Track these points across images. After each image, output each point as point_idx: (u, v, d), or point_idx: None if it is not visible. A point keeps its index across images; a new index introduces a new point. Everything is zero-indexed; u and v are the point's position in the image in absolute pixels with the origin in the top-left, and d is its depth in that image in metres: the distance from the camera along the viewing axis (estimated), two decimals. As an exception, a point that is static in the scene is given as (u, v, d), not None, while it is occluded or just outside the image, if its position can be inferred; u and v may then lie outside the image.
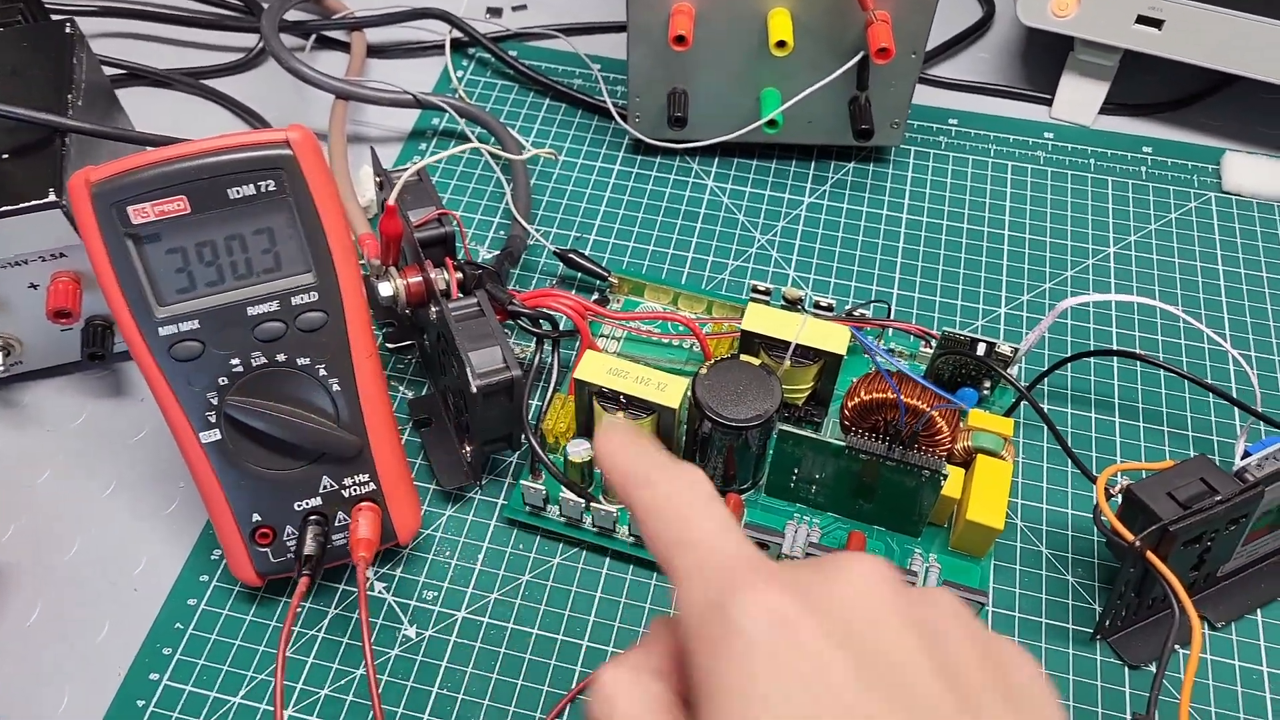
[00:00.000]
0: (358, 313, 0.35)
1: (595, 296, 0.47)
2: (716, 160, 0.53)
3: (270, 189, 0.32)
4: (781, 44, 0.45)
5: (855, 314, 0.44)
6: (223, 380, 0.34)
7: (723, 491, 0.40)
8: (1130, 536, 0.33)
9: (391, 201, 0.38)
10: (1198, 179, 0.52)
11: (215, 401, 0.34)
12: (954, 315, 0.47)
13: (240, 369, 0.34)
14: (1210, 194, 0.51)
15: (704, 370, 0.38)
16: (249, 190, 0.32)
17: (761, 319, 0.40)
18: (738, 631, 0.20)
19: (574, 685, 0.36)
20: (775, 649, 0.19)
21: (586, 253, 0.49)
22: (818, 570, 0.21)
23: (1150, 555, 0.34)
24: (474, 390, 0.36)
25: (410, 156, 0.53)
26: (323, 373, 0.35)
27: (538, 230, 0.50)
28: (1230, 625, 0.38)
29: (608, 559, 0.40)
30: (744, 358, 0.38)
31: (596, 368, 0.38)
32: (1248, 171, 0.50)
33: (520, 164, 0.49)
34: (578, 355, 0.42)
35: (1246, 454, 0.35)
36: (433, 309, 0.39)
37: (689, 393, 0.38)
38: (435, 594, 0.39)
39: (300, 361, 0.35)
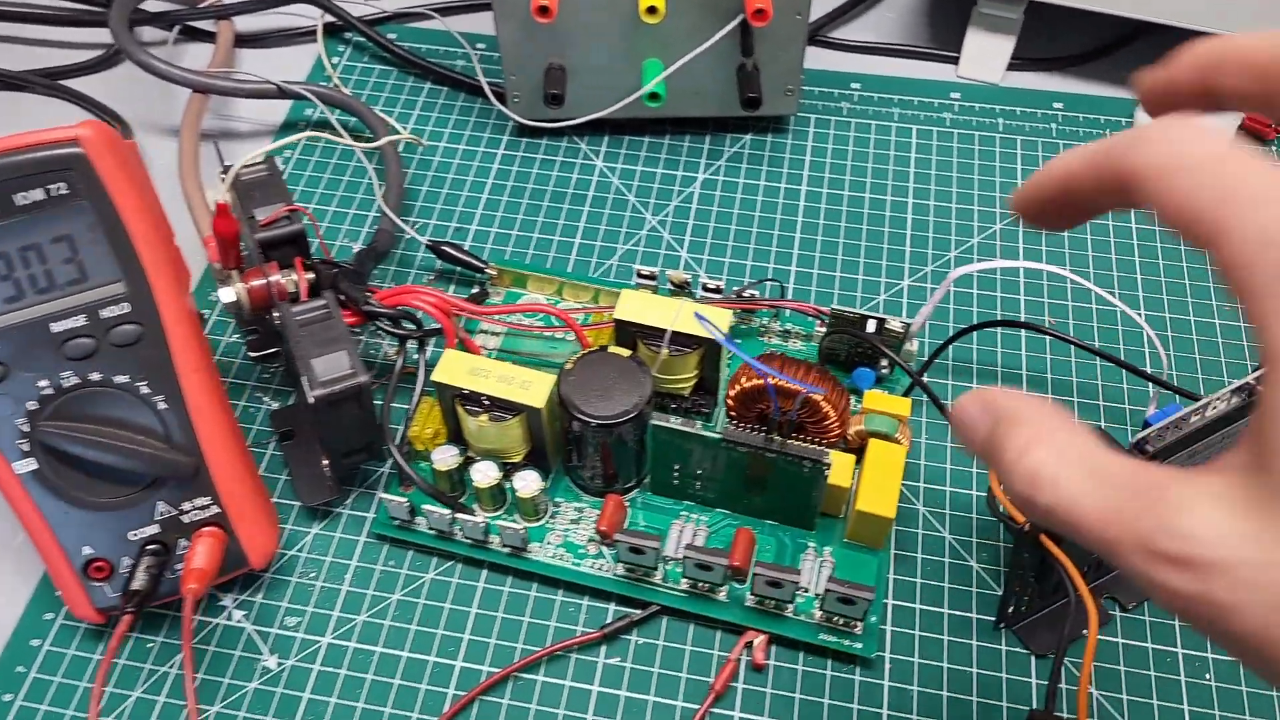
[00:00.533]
0: (180, 322, 0.32)
1: (475, 290, 0.44)
2: (606, 140, 0.50)
3: (62, 192, 0.30)
4: (652, 10, 0.42)
5: (745, 295, 0.41)
6: (32, 404, 0.31)
7: (604, 492, 0.37)
8: (1021, 519, 0.31)
9: (222, 199, 0.36)
10: (1111, 133, 0.49)
11: (27, 428, 0.31)
12: (855, 291, 0.44)
13: (50, 391, 0.31)
14: (1122, 149, 0.49)
15: (570, 365, 0.35)
16: (38, 195, 0.29)
17: (635, 306, 0.37)
18: None
19: (446, 709, 0.34)
20: None
21: (468, 244, 0.46)
22: None
23: (1044, 539, 0.31)
24: (311, 399, 0.33)
25: (281, 151, 0.50)
26: (145, 390, 0.32)
27: (416, 223, 0.47)
28: (1142, 606, 0.36)
29: (484, 571, 0.37)
30: (612, 349, 0.36)
31: (456, 368, 0.36)
32: (1160, 123, 0.48)
33: (391, 153, 0.46)
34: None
35: (1147, 424, 0.33)
36: (276, 314, 0.36)
37: (556, 390, 0.35)
38: (298, 620, 0.36)
39: (118, 379, 0.32)
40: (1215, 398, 0.33)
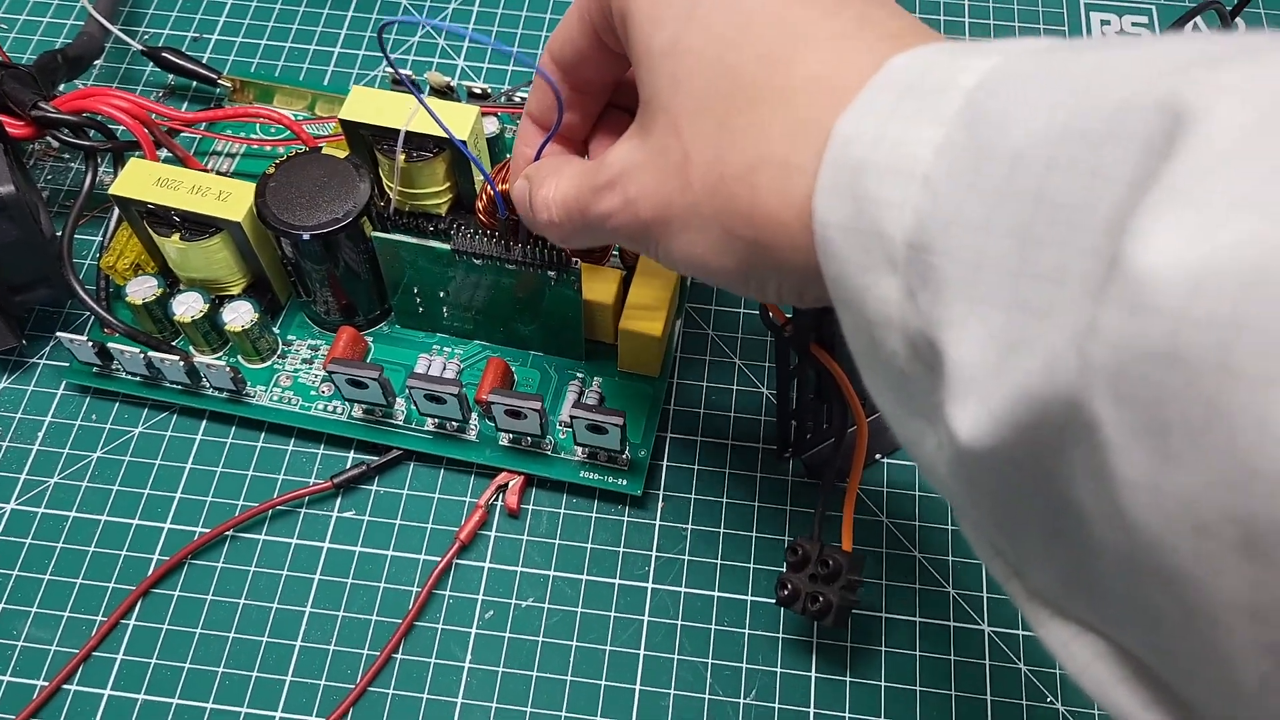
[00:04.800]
0: None
1: (212, 105, 0.38)
2: (379, -65, 0.43)
3: None
4: None
5: (516, 99, 0.36)
6: None
7: (339, 324, 0.32)
8: (784, 319, 0.27)
9: None
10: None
11: None
12: (654, 98, 0.39)
13: None
14: None
15: (272, 169, 0.30)
16: None
17: (365, 106, 0.31)
18: None
19: (149, 574, 0.29)
20: None
21: (208, 55, 0.39)
22: None
23: (816, 347, 0.27)
24: (-68, 213, 0.27)
25: (-11, -46, 0.42)
26: None
27: (146, 33, 0.40)
28: (945, 427, 0.32)
29: (204, 421, 0.32)
30: (327, 150, 0.30)
31: (140, 180, 0.30)
32: None
33: (107, -54, 0.39)
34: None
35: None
36: (-96, 117, 0.29)
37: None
38: (-22, 485, 0.31)
39: None
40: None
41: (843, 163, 0.16)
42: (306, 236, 0.28)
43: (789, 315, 0.27)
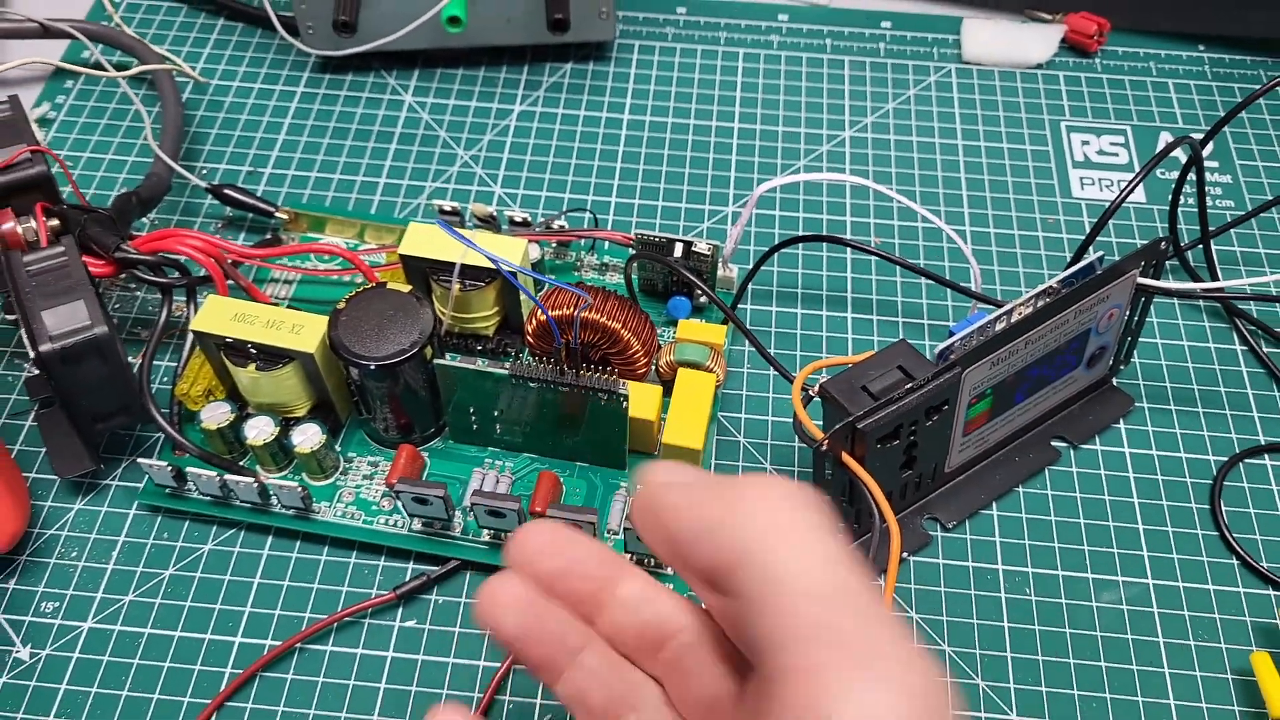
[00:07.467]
0: None
1: (267, 237, 0.40)
2: (416, 74, 0.46)
3: None
4: (437, -78, 0.39)
5: (554, 226, 0.39)
6: None
7: (398, 442, 0.34)
8: (820, 435, 0.29)
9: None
10: (938, 51, 0.48)
11: None
12: (678, 220, 0.42)
13: None
14: (950, 65, 0.47)
15: (342, 304, 0.32)
16: None
17: (422, 240, 0.34)
18: None
19: (223, 687, 0.31)
20: None
21: (262, 189, 0.42)
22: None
23: (846, 457, 0.30)
24: (36, 354, 0.29)
25: (54, 95, 0.45)
26: None
27: (205, 168, 0.43)
28: (964, 524, 0.34)
29: (270, 537, 0.34)
30: (391, 285, 0.33)
31: (218, 315, 0.32)
32: (986, 38, 0.47)
33: (169, 92, 0.42)
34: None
35: (951, 333, 0.31)
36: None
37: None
38: (56, 605, 0.32)
39: None
40: (1019, 303, 0.32)
41: None
42: (374, 366, 0.31)
43: (822, 429, 0.30)
